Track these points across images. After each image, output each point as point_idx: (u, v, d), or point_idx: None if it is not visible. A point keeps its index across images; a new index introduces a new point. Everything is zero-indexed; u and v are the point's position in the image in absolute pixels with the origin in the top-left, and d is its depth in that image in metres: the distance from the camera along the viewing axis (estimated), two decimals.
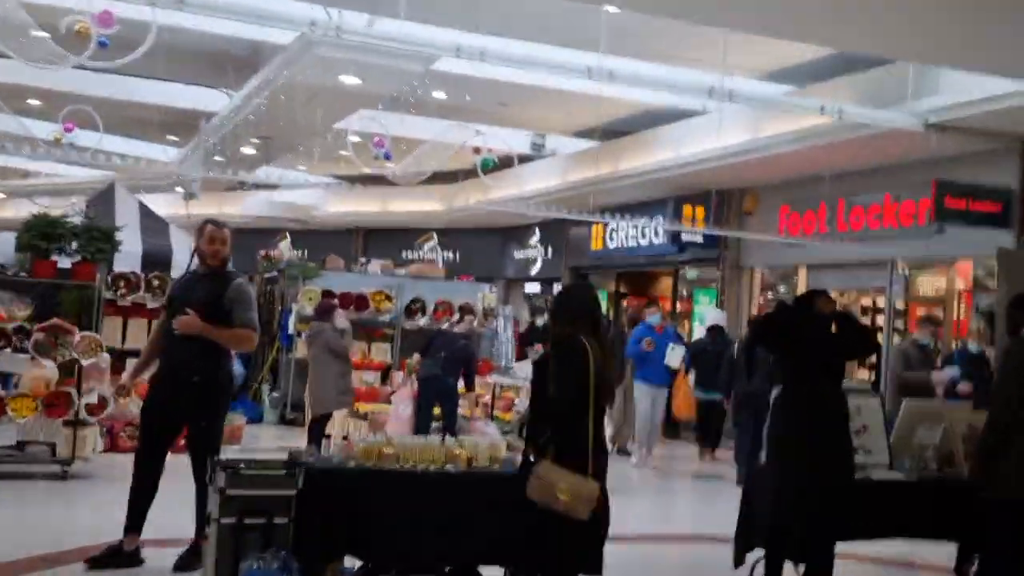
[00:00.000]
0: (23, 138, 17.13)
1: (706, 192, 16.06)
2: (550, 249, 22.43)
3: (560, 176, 18.79)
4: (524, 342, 17.58)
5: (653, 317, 12.43)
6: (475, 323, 14.79)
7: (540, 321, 20.25)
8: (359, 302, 14.06)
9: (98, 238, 13.20)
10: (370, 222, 26.66)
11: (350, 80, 10.79)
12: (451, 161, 20.66)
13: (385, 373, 13.91)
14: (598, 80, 9.71)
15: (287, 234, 28.81)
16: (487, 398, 12.51)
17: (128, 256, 14.13)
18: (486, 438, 10.00)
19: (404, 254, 25.82)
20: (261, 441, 12.06)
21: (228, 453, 11.15)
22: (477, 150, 14.66)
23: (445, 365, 9.96)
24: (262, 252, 15.66)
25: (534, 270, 23.13)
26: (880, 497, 6.16)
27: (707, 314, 13.94)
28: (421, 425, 10.00)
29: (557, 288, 22.40)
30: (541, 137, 20.77)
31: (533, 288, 24.96)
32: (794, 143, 12.81)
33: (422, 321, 14.49)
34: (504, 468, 5.38)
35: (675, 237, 16.86)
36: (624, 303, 20.31)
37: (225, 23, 10.71)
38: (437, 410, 10.29)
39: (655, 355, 12.05)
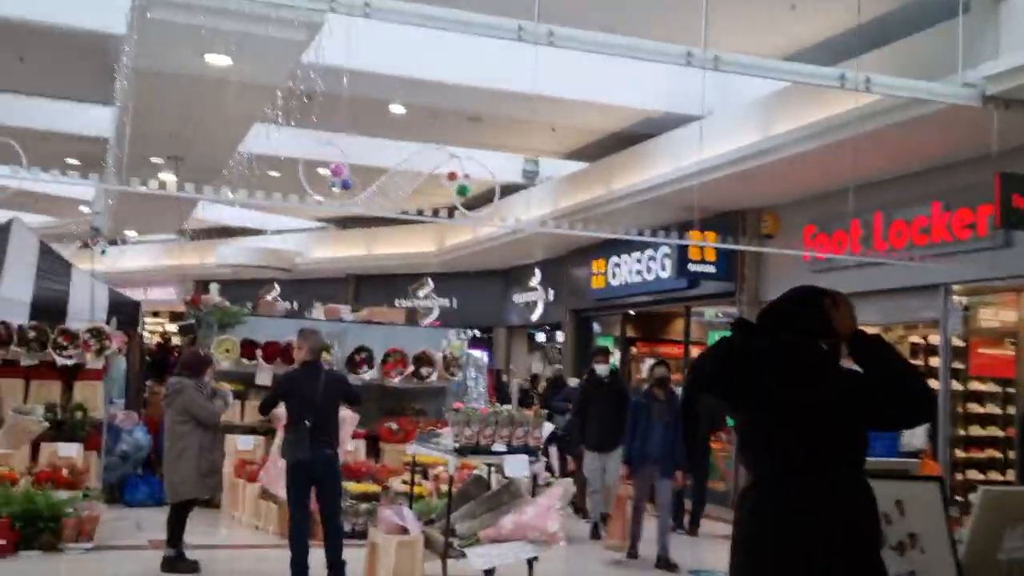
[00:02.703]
0: None
1: (716, 214, 13.38)
2: (551, 291, 19.80)
3: (551, 203, 16.24)
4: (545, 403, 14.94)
5: None
6: (434, 375, 12.24)
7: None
8: (287, 353, 11.50)
9: None
10: (361, 268, 24.26)
11: (217, 60, 8.36)
12: (439, 196, 18.37)
13: None
14: (533, 42, 7.20)
15: (275, 284, 26.73)
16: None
17: (13, 304, 11.79)
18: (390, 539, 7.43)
19: (398, 301, 23.47)
20: (137, 534, 9.45)
21: (69, 553, 8.68)
22: (452, 176, 12.32)
23: (315, 435, 7.19)
24: (187, 296, 13.22)
25: (536, 315, 20.49)
26: None
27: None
28: (297, 521, 7.31)
29: (560, 335, 19.79)
30: (534, 163, 18.26)
31: (540, 336, 22.38)
32: (814, 139, 10.19)
33: (368, 375, 11.90)
34: None
35: (683, 269, 14.17)
36: (633, 349, 17.59)
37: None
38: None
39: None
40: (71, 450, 10.50)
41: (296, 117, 11.95)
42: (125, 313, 12.23)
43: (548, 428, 7.51)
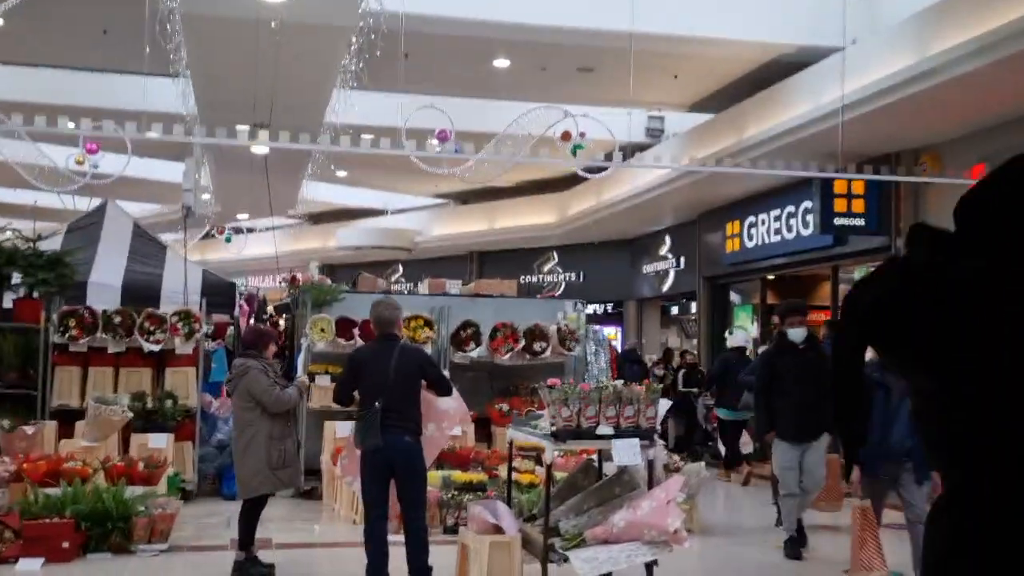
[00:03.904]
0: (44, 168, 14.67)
1: (864, 159, 11.75)
2: (682, 259, 18.36)
3: (675, 161, 14.81)
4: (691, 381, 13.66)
5: None
6: (548, 351, 11.08)
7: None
8: None
9: (40, 266, 10.35)
10: (483, 244, 23.30)
11: None
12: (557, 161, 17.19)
13: None
14: None
15: (399, 265, 26.07)
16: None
17: (103, 290, 11.23)
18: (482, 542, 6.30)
19: (524, 278, 22.46)
20: (222, 532, 8.61)
21: (140, 556, 7.90)
22: (566, 136, 11.22)
23: (388, 418, 6.09)
24: (288, 274, 12.43)
25: (667, 285, 19.08)
26: None
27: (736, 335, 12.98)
28: (371, 520, 6.24)
29: (694, 306, 18.34)
30: (659, 119, 16.81)
31: (674, 309, 20.95)
32: (982, 55, 8.57)
33: (475, 352, 10.84)
34: None
35: (828, 223, 12.59)
36: (775, 318, 15.98)
37: None
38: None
39: None
40: (161, 441, 9.82)
41: (389, 77, 10.99)
42: (219, 295, 11.54)
43: (664, 405, 6.26)
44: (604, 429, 5.82)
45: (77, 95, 12.97)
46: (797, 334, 8.15)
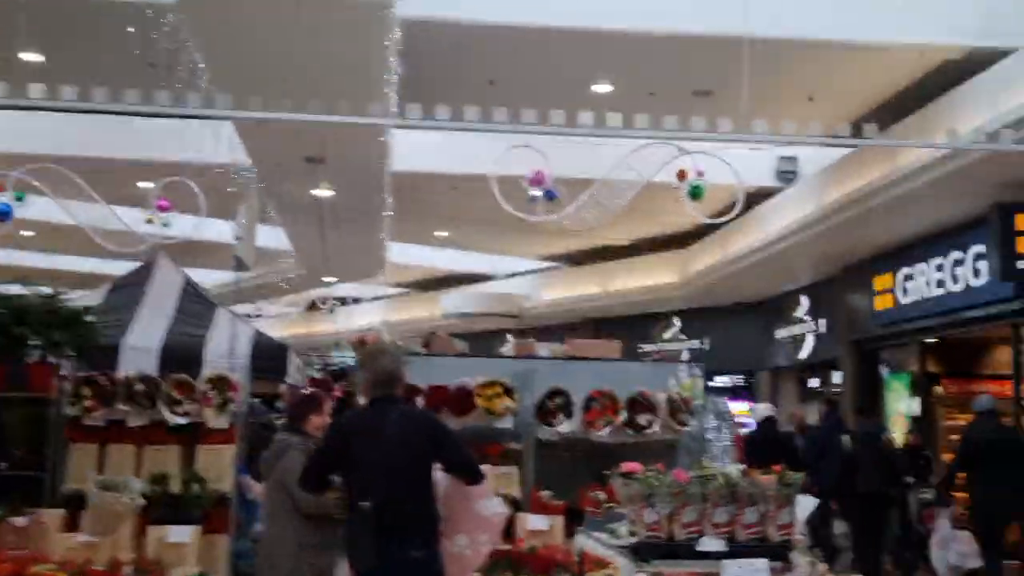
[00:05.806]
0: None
1: None
2: (822, 322, 15.98)
3: (813, 202, 12.66)
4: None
5: None
6: (656, 425, 8.94)
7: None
8: (458, 401, 8.64)
9: (55, 325, 8.87)
10: (598, 310, 21.30)
11: None
12: (676, 213, 15.21)
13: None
14: None
15: (507, 336, 24.27)
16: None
17: (139, 354, 9.69)
18: None
19: (642, 346, 20.35)
20: None
21: None
22: (682, 175, 9.38)
23: (385, 524, 4.04)
24: (356, 337, 10.73)
25: (804, 352, 16.68)
26: None
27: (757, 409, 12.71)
28: None
29: (837, 376, 15.85)
30: (791, 160, 14.57)
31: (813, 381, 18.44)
32: None
33: (565, 427, 8.79)
34: None
35: (1009, 269, 10.20)
36: (939, 389, 13.46)
37: None
38: None
39: None
40: (183, 534, 8.08)
41: (469, 111, 9.28)
42: (267, 359, 9.89)
43: (807, 505, 4.16)
44: (711, 543, 3.75)
45: (125, 146, 11.72)
46: None
